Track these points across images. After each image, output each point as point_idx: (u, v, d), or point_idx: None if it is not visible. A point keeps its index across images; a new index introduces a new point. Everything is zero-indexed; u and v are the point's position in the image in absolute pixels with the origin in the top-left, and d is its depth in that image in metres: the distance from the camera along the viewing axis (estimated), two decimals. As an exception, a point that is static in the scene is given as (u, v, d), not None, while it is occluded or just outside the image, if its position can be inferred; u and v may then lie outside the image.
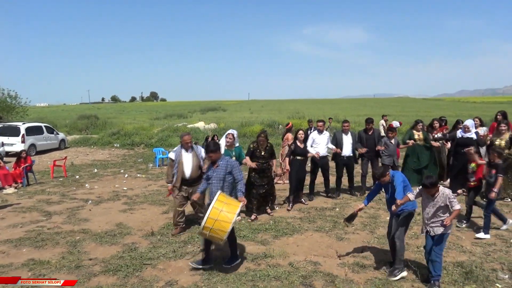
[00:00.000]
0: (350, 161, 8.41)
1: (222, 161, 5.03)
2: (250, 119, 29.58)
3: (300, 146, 7.52)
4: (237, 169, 5.06)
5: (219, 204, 4.37)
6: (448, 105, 60.57)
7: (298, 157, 7.49)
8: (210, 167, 5.08)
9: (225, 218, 4.31)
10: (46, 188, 9.99)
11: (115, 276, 4.60)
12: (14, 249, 5.51)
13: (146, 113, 57.14)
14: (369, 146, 8.32)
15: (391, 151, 8.37)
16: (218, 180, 4.97)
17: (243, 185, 5.03)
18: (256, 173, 6.96)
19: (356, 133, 8.69)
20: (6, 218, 7.12)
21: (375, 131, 8.54)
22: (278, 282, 4.44)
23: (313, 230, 6.29)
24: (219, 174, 4.97)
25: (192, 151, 6.14)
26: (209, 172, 5.06)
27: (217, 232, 4.30)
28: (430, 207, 4.31)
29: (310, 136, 8.09)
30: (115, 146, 21.74)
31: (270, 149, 7.05)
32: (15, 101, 33.71)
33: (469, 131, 7.99)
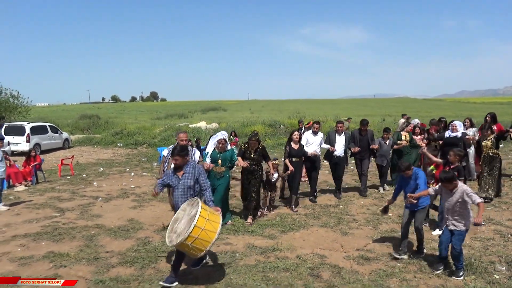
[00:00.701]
0: (341, 161, 8.42)
1: (188, 167, 4.59)
2: (252, 119, 29.82)
3: (294, 147, 7.45)
4: (205, 176, 4.68)
5: (204, 213, 4.01)
6: (449, 106, 60.82)
7: (294, 158, 7.44)
8: (171, 175, 4.63)
9: (211, 228, 4.01)
10: (56, 186, 10.23)
11: (133, 267, 4.84)
12: (33, 243, 5.75)
13: (147, 113, 57.35)
14: (362, 146, 8.43)
15: (384, 151, 8.59)
16: (185, 189, 4.54)
17: (211, 194, 4.68)
18: (245, 174, 6.87)
19: (350, 133, 8.84)
20: (21, 214, 7.37)
21: (369, 132, 8.69)
22: (287, 273, 4.68)
23: (318, 225, 6.54)
24: (187, 182, 4.53)
25: None
26: (172, 180, 4.58)
27: (200, 243, 3.95)
28: (449, 202, 4.53)
29: (303, 137, 8.05)
30: (119, 145, 21.99)
31: (261, 151, 6.86)
32: (18, 101, 33.95)
33: (456, 130, 8.14)
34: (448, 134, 8.35)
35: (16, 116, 32.99)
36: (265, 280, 4.48)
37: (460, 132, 8.15)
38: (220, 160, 6.49)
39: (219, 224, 4.10)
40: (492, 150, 7.81)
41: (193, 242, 3.90)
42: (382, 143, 8.62)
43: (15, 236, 6.02)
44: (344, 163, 8.69)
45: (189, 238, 3.87)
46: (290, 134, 7.62)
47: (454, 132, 8.17)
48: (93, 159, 16.66)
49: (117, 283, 4.40)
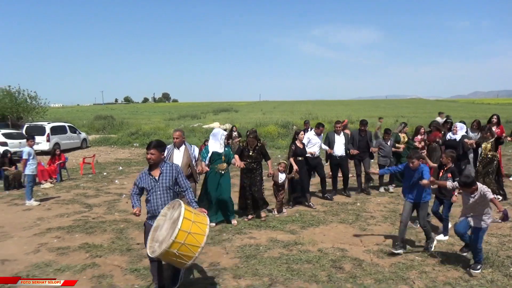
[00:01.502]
0: (343, 161, 8.48)
1: (165, 166, 4.08)
2: (264, 120, 30.08)
3: (300, 146, 7.58)
4: (183, 175, 4.20)
5: (189, 214, 3.46)
6: (463, 107, 60.22)
7: (299, 157, 7.54)
8: (145, 176, 4.08)
9: (199, 230, 3.44)
10: (80, 184, 10.61)
11: (163, 258, 5.11)
12: (67, 235, 6.08)
13: (159, 114, 58.03)
14: (361, 147, 8.54)
15: (387, 152, 8.69)
16: (164, 190, 4.01)
17: (193, 194, 4.22)
18: (244, 173, 6.84)
19: (349, 134, 8.93)
20: (52, 209, 7.73)
21: (368, 133, 8.79)
22: (310, 265, 4.91)
23: (337, 221, 6.75)
24: (165, 182, 4.02)
25: (184, 149, 6.03)
26: (148, 182, 4.04)
27: (188, 249, 3.37)
28: (469, 203, 4.65)
29: (305, 136, 8.10)
30: (134, 145, 22.44)
31: (260, 149, 6.84)
32: (35, 101, 34.79)
33: (456, 133, 8.17)
34: (449, 136, 8.39)
35: (34, 116, 33.82)
36: (289, 271, 4.72)
37: (459, 135, 8.17)
38: (223, 157, 6.50)
39: (206, 226, 3.54)
40: (491, 152, 7.82)
41: (180, 249, 3.33)
42: (384, 144, 8.70)
43: (49, 229, 6.37)
44: (347, 162, 8.72)
45: (175, 244, 3.29)
46: (295, 133, 7.76)
47: (455, 135, 8.21)
48: (111, 158, 17.07)
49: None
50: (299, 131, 7.78)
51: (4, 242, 5.79)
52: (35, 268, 4.78)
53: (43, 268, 4.79)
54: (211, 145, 6.56)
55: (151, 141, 4.14)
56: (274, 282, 4.41)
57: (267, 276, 4.57)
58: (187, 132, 24.82)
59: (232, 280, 4.47)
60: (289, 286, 4.33)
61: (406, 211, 5.29)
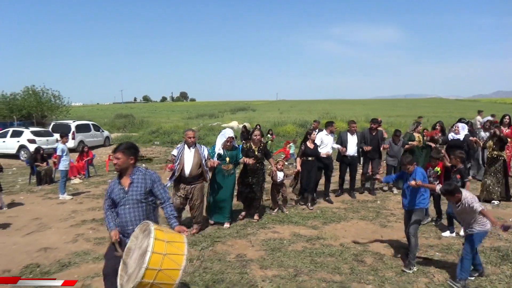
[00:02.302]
0: (354, 161, 8.48)
1: (136, 174, 3.42)
2: (282, 119, 30.27)
3: (310, 146, 7.51)
4: (160, 183, 3.53)
5: (159, 245, 2.90)
6: (484, 107, 59.00)
7: (309, 157, 7.51)
8: (115, 185, 3.46)
9: (172, 264, 2.92)
10: (107, 180, 11.06)
11: (193, 249, 5.40)
12: (101, 227, 6.45)
13: (178, 113, 58.84)
14: (372, 145, 8.52)
15: (395, 152, 8.70)
16: (134, 203, 3.37)
17: (172, 207, 3.58)
18: (247, 173, 6.77)
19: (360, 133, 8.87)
20: (83, 203, 8.15)
21: (379, 132, 8.79)
22: (333, 258, 5.13)
23: (358, 218, 6.93)
24: (136, 194, 3.37)
25: (195, 148, 6.01)
26: (116, 192, 3.42)
27: (165, 277, 2.88)
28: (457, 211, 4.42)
29: (317, 137, 8.00)
30: (156, 143, 22.95)
31: (264, 148, 6.88)
32: (59, 100, 35.86)
33: (458, 133, 8.15)
34: (451, 136, 8.34)
35: (57, 115, 34.88)
36: (313, 263, 4.94)
37: (462, 135, 8.14)
38: (228, 158, 6.45)
39: (183, 257, 2.97)
40: (495, 152, 7.80)
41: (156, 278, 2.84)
42: (393, 144, 8.71)
43: (84, 221, 6.77)
44: (357, 162, 8.74)
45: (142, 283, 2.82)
46: (307, 133, 7.71)
47: (457, 135, 8.17)
48: (134, 156, 17.55)
49: None
50: (311, 131, 7.74)
51: (44, 232, 6.20)
52: (75, 256, 5.14)
53: (82, 256, 5.15)
54: (218, 145, 6.54)
55: (120, 144, 3.49)
56: (299, 273, 4.65)
57: (292, 268, 4.81)
58: (206, 131, 25.25)
59: (259, 271, 4.72)
60: (313, 277, 4.55)
61: (406, 224, 5.07)
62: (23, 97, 33.69)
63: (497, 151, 7.81)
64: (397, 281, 4.46)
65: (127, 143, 3.51)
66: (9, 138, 17.38)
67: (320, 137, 8.06)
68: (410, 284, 4.39)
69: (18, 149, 17.03)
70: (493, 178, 7.82)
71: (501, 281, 4.43)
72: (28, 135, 17.14)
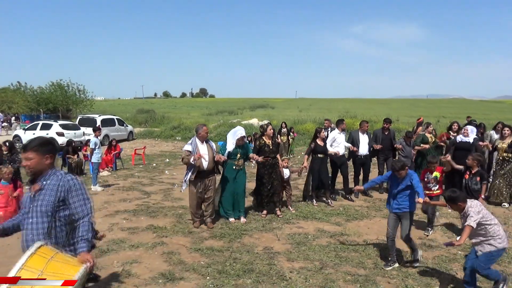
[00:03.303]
0: (367, 160, 8.54)
1: (49, 178, 2.75)
2: (301, 117, 30.35)
3: (320, 144, 7.63)
4: (80, 193, 2.80)
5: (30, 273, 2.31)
6: (510, 108, 57.61)
7: (320, 155, 7.64)
8: (27, 191, 2.87)
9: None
10: (134, 173, 11.46)
11: (222, 241, 5.67)
12: (134, 217, 6.79)
13: (197, 109, 59.50)
14: (385, 145, 8.56)
15: (407, 152, 8.62)
16: (39, 216, 2.70)
17: (90, 227, 2.79)
18: (265, 169, 6.86)
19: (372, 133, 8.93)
20: (115, 195, 8.53)
21: (391, 131, 8.80)
22: (357, 253, 5.31)
23: (380, 216, 7.07)
24: (43, 204, 2.70)
25: (207, 143, 6.25)
26: (24, 200, 2.84)
27: None
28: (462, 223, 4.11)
29: (330, 135, 8.17)
30: (177, 139, 23.41)
31: (276, 143, 7.05)
32: (83, 95, 36.84)
33: (468, 135, 8.05)
34: (460, 138, 8.22)
35: (82, 109, 35.85)
36: (338, 257, 5.14)
37: (472, 138, 8.05)
38: (239, 154, 6.57)
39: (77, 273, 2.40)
40: (507, 154, 7.74)
41: None
42: (404, 145, 8.66)
43: (117, 211, 7.12)
44: (370, 161, 8.78)
45: None
46: (317, 131, 7.76)
47: (466, 137, 8.07)
48: (157, 150, 18.02)
49: (212, 251, 5.24)
50: (320, 129, 7.85)
51: (81, 220, 6.57)
52: (113, 243, 5.47)
53: (119, 244, 5.47)
54: (229, 142, 6.57)
55: (31, 139, 2.80)
56: (325, 266, 4.85)
57: (317, 261, 5.01)
58: (227, 128, 25.57)
59: (287, 263, 4.95)
60: (338, 270, 4.75)
61: (391, 225, 4.92)
62: (49, 91, 34.77)
63: (509, 153, 7.74)
64: (420, 277, 4.62)
65: (41, 138, 2.83)
66: (38, 130, 18.09)
67: (333, 136, 8.16)
68: (433, 280, 4.54)
69: (47, 141, 17.72)
70: (504, 180, 7.79)
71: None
72: (57, 128, 17.82)
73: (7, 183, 6.17)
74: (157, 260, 4.94)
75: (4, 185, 6.15)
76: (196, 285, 4.27)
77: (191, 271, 4.61)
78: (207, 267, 4.71)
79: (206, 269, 4.67)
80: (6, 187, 6.15)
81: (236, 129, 6.75)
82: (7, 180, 6.17)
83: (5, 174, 6.14)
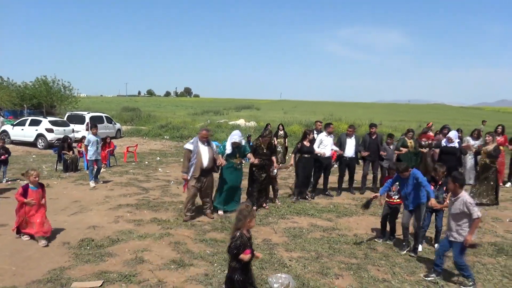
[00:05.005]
0: (352, 162, 9.09)
1: None
2: (287, 119, 30.92)
3: (306, 145, 8.12)
4: None
5: None
6: (488, 115, 59.51)
7: (305, 155, 8.16)
8: None
9: None
10: (128, 170, 11.70)
11: (223, 233, 6.07)
12: (137, 211, 7.12)
13: (182, 108, 59.53)
14: (372, 149, 9.08)
15: (389, 155, 9.17)
16: None
17: None
18: (257, 169, 7.43)
19: (360, 137, 9.49)
20: (114, 190, 8.81)
21: (378, 135, 9.35)
22: (348, 246, 5.80)
23: (368, 214, 7.58)
24: None
25: (208, 144, 6.76)
26: None
27: None
28: (452, 210, 4.56)
29: (318, 138, 8.54)
30: (165, 138, 23.59)
31: (271, 147, 7.65)
32: (69, 91, 36.48)
33: (452, 142, 8.58)
34: (444, 143, 8.75)
35: (66, 106, 35.49)
36: (331, 249, 5.61)
37: (456, 143, 8.58)
38: (237, 154, 7.17)
39: None
40: (488, 159, 8.30)
41: None
42: (387, 148, 9.21)
43: (120, 205, 7.43)
44: (355, 163, 9.31)
45: None
46: (305, 133, 8.28)
47: (451, 143, 8.56)
48: (146, 149, 18.20)
49: (216, 242, 5.65)
50: (309, 131, 8.38)
51: (86, 213, 6.87)
52: (121, 233, 5.81)
53: (127, 234, 5.81)
54: (228, 146, 7.12)
55: None
56: (320, 256, 5.32)
57: (313, 251, 5.47)
58: (214, 128, 25.92)
59: (285, 253, 5.39)
60: (333, 259, 5.22)
61: (406, 216, 5.59)
62: (34, 86, 34.32)
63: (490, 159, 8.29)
64: (406, 266, 5.13)
65: None
66: (27, 126, 18.04)
67: (320, 138, 8.56)
68: (418, 268, 5.06)
69: (36, 137, 17.69)
70: (485, 184, 8.37)
71: (496, 269, 5.10)
72: (46, 125, 17.79)
73: (35, 188, 5.52)
74: (165, 249, 5.31)
75: (34, 191, 5.50)
76: (205, 270, 4.67)
77: (199, 258, 5.01)
78: (213, 256, 5.12)
79: (212, 257, 5.08)
80: (36, 192, 5.51)
81: (233, 133, 7.29)
82: (35, 184, 5.53)
83: (32, 177, 5.46)
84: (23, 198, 5.40)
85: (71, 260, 4.82)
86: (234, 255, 3.42)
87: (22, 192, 5.43)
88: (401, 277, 4.77)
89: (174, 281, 4.37)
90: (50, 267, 4.58)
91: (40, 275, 4.38)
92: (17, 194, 5.47)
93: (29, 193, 5.45)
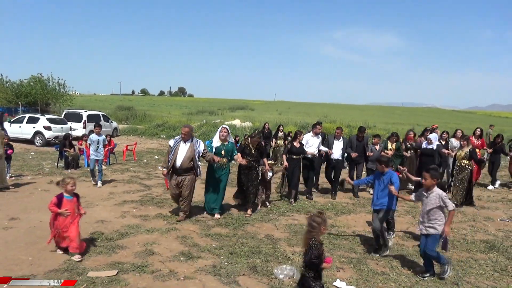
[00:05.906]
0: (338, 164, 9.12)
1: None
2: (282, 120, 31.20)
3: (296, 146, 8.20)
4: None
5: None
6: (480, 119, 60.46)
7: (294, 156, 8.21)
8: None
9: None
10: (129, 168, 11.87)
11: (227, 229, 6.30)
12: (142, 207, 7.31)
13: (177, 108, 59.54)
14: (359, 151, 9.19)
15: (375, 156, 9.08)
16: None
17: None
18: (242, 170, 7.27)
19: (347, 139, 9.60)
20: (117, 187, 8.99)
21: (365, 138, 9.54)
22: (347, 241, 6.05)
23: (365, 212, 7.87)
24: None
25: (191, 143, 6.46)
26: None
27: None
28: (425, 205, 4.76)
29: (304, 138, 8.57)
30: (162, 137, 23.75)
31: (260, 148, 7.37)
32: (64, 89, 36.46)
33: (432, 143, 8.88)
34: (424, 145, 9.05)
35: (61, 103, 35.45)
36: (332, 244, 5.87)
37: (435, 145, 8.88)
38: (223, 152, 6.93)
39: None
40: (464, 161, 8.67)
41: None
42: (373, 149, 9.36)
43: (125, 201, 7.62)
44: (342, 166, 9.40)
45: None
46: (296, 134, 8.41)
47: (430, 145, 8.88)
48: (143, 148, 18.37)
49: (221, 236, 5.87)
50: (300, 132, 8.47)
51: (93, 208, 7.03)
52: (129, 228, 6.00)
53: (135, 228, 6.01)
54: (215, 138, 7.03)
55: None
56: (322, 250, 5.55)
57: (314, 246, 5.70)
58: (210, 127, 26.09)
59: (288, 247, 5.63)
60: (334, 254, 5.47)
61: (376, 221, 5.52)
62: (29, 84, 34.24)
63: (467, 160, 8.64)
64: (403, 260, 5.40)
65: None
66: (25, 124, 18.12)
67: (306, 138, 8.63)
68: (415, 263, 5.33)
69: (33, 135, 17.78)
70: (460, 184, 8.70)
71: (488, 265, 5.38)
72: (44, 122, 17.88)
73: (70, 198, 5.05)
74: (173, 242, 5.52)
75: (69, 200, 5.02)
76: (213, 262, 4.89)
77: (206, 251, 5.23)
78: (219, 249, 5.34)
79: (219, 250, 5.30)
80: (71, 201, 5.04)
81: (220, 127, 7.18)
82: (70, 193, 5.06)
83: (69, 186, 5.02)
84: (56, 208, 4.88)
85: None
86: (316, 265, 3.30)
87: (56, 202, 4.92)
88: (398, 271, 5.03)
89: (185, 271, 4.58)
90: (65, 258, 4.77)
91: (56, 265, 4.56)
92: (51, 204, 4.91)
93: (63, 202, 4.95)
